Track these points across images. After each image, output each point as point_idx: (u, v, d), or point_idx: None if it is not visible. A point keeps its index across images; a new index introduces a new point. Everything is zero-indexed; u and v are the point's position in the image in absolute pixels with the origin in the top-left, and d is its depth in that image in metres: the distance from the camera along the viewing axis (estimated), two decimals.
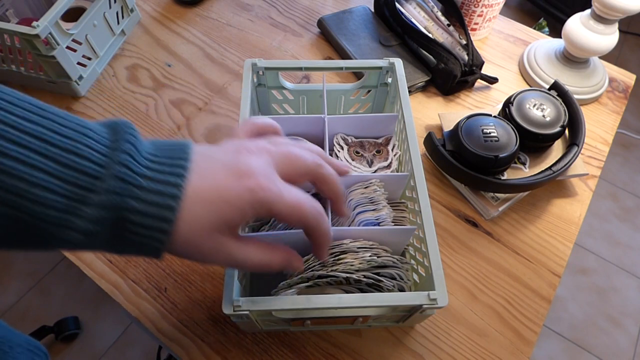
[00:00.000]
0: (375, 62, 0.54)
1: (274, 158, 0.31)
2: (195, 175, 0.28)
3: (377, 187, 0.48)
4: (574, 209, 0.61)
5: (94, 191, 0.25)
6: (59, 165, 0.24)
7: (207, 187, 0.28)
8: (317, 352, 0.49)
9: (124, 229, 0.26)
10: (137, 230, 0.26)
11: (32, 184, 0.23)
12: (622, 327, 1.39)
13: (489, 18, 0.76)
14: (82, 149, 0.25)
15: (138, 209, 0.26)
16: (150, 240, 0.27)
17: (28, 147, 0.23)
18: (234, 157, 0.30)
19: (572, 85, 0.70)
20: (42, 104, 0.26)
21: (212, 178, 0.28)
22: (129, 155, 0.26)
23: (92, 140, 0.26)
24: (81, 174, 0.25)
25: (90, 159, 0.25)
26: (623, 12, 0.62)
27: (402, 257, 0.44)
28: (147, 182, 0.26)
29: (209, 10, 0.82)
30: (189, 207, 0.27)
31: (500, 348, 0.50)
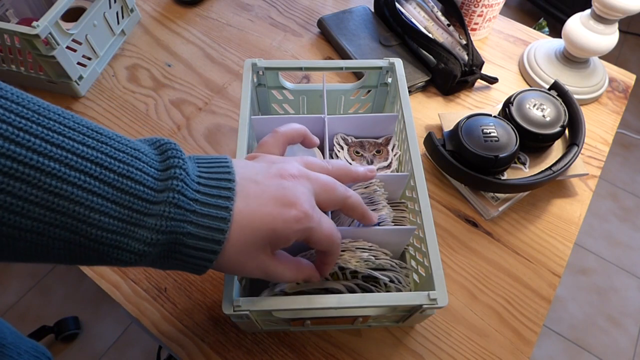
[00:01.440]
0: (375, 62, 0.54)
1: (314, 186, 0.33)
2: (242, 200, 0.30)
3: (377, 187, 0.48)
4: (574, 209, 0.61)
5: (149, 214, 0.26)
6: (115, 190, 0.25)
7: (253, 214, 0.30)
8: (317, 352, 0.49)
9: (176, 251, 0.28)
10: (189, 252, 0.28)
11: (90, 208, 0.24)
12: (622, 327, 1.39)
13: (489, 18, 0.76)
14: (135, 173, 0.26)
15: (192, 233, 0.28)
16: (199, 260, 0.29)
17: (86, 172, 0.24)
18: (279, 185, 0.32)
19: (572, 85, 0.70)
20: (96, 126, 0.27)
21: (259, 205, 0.30)
22: (181, 181, 0.27)
23: (144, 164, 0.27)
24: (136, 198, 0.26)
25: (145, 184, 0.26)
26: (623, 12, 0.62)
27: (401, 262, 0.44)
28: (199, 206, 0.28)
29: (209, 10, 0.82)
30: (238, 230, 0.29)
31: (500, 348, 0.50)
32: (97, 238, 0.25)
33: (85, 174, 0.24)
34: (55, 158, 0.23)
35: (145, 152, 0.28)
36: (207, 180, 0.29)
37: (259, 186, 0.31)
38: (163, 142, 0.29)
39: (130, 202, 0.26)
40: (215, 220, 0.28)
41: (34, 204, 0.23)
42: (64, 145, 0.24)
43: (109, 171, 0.25)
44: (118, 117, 0.67)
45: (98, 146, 0.25)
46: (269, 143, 0.38)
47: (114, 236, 0.25)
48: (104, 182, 0.25)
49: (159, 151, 0.29)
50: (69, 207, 0.24)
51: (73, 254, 0.25)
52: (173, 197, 0.27)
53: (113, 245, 0.26)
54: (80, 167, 0.24)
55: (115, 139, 0.27)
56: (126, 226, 0.26)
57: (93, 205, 0.24)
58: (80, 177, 0.24)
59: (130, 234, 0.26)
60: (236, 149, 0.45)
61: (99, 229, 0.25)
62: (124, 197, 0.25)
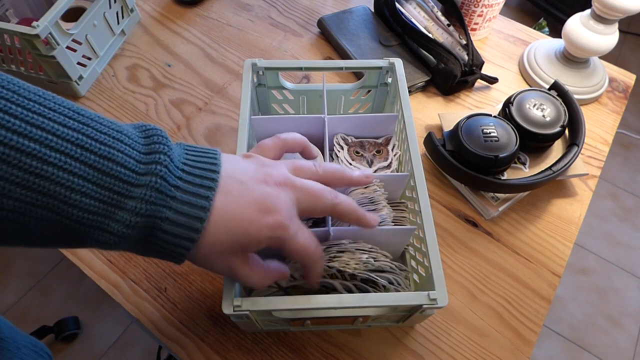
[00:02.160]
0: (375, 62, 0.54)
1: (298, 195, 0.33)
2: (224, 197, 0.30)
3: (377, 187, 0.48)
4: (574, 209, 0.61)
5: (130, 197, 0.26)
6: (96, 172, 0.25)
7: (232, 213, 0.30)
8: (317, 352, 0.49)
9: (154, 235, 0.28)
10: (167, 238, 0.28)
11: (71, 189, 0.24)
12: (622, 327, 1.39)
13: (489, 18, 0.76)
14: (117, 155, 0.26)
15: (170, 218, 0.28)
16: (176, 247, 0.29)
17: (67, 153, 0.24)
18: (262, 190, 0.32)
19: (572, 85, 0.70)
20: (77, 107, 0.27)
21: (239, 206, 0.30)
22: (164, 166, 0.27)
23: (126, 146, 0.27)
24: (117, 180, 0.26)
25: (126, 166, 0.26)
26: (623, 12, 0.62)
27: (400, 264, 0.44)
28: (180, 193, 0.28)
29: (209, 10, 0.82)
30: (214, 224, 0.29)
31: (500, 348, 0.50)
32: (78, 218, 0.25)
33: (65, 155, 0.24)
34: (35, 139, 0.23)
35: (129, 135, 0.28)
36: (192, 168, 0.29)
37: (242, 187, 0.31)
38: (149, 128, 0.29)
39: (111, 183, 0.25)
40: (194, 208, 0.28)
41: (15, 184, 0.23)
42: (44, 127, 0.24)
43: (90, 152, 0.25)
44: (118, 117, 0.67)
45: (79, 127, 0.25)
46: (266, 146, 0.38)
47: (94, 217, 0.25)
48: (84, 163, 0.25)
49: (144, 135, 0.29)
50: (49, 187, 0.24)
51: (54, 235, 0.25)
52: (155, 182, 0.27)
53: (93, 226, 0.26)
54: (61, 148, 0.24)
55: (97, 120, 0.27)
56: (106, 207, 0.26)
57: (74, 186, 0.24)
58: (61, 158, 0.24)
59: (110, 215, 0.26)
60: (236, 149, 0.45)
61: (79, 210, 0.25)
62: (104, 178, 0.25)
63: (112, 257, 0.54)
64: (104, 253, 0.54)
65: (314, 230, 0.41)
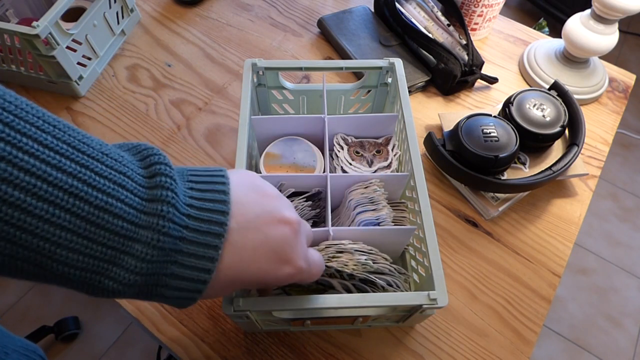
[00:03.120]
0: (375, 62, 0.54)
1: (303, 231, 0.32)
2: (236, 253, 0.27)
3: (377, 187, 0.48)
4: (574, 209, 0.61)
5: (127, 253, 0.23)
6: (90, 225, 0.22)
7: (247, 270, 0.28)
8: (317, 352, 0.49)
9: (157, 293, 0.25)
10: (171, 294, 0.26)
11: (57, 244, 0.21)
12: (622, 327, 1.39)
13: (489, 18, 0.76)
14: (116, 205, 0.22)
15: (177, 274, 0.25)
16: (182, 301, 0.27)
17: (57, 204, 0.20)
18: (276, 235, 0.29)
19: (572, 85, 0.70)
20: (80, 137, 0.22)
21: (253, 260, 0.28)
22: (166, 219, 0.24)
23: (128, 192, 0.23)
24: (114, 234, 0.22)
25: (125, 219, 0.23)
26: (623, 12, 0.62)
27: (400, 267, 0.44)
28: (186, 245, 0.25)
29: (209, 10, 0.82)
30: (223, 278, 0.27)
31: (500, 348, 0.50)
32: (66, 275, 0.22)
33: (55, 205, 0.20)
34: (21, 186, 0.19)
35: (132, 177, 0.24)
36: (199, 212, 0.26)
37: (257, 235, 0.28)
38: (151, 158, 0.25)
39: (106, 238, 0.22)
40: (202, 260, 0.26)
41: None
42: (33, 171, 0.20)
43: (84, 202, 0.21)
44: (118, 117, 0.67)
45: (76, 171, 0.21)
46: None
47: (85, 274, 0.22)
48: (76, 215, 0.21)
49: (147, 171, 0.25)
50: (32, 241, 0.20)
51: (42, 281, 0.23)
52: (158, 239, 0.23)
53: (84, 282, 0.23)
54: (50, 197, 0.20)
55: (99, 159, 0.23)
56: (99, 263, 0.22)
57: (61, 241, 0.21)
58: (49, 210, 0.20)
59: (103, 272, 0.23)
60: (236, 149, 0.45)
61: (66, 266, 0.22)
62: (98, 232, 0.22)
63: None
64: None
65: (314, 231, 0.41)
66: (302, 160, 0.52)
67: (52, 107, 0.68)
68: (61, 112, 0.67)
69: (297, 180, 0.48)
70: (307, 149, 0.53)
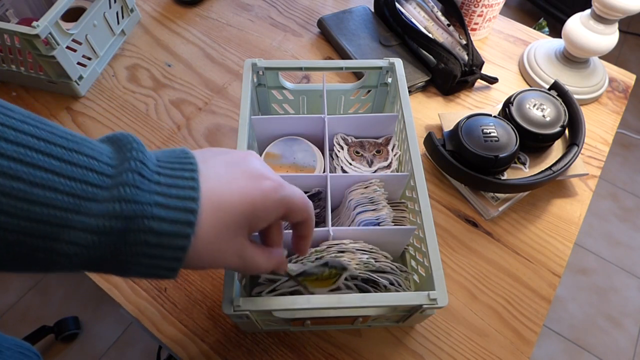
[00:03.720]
0: (375, 62, 0.54)
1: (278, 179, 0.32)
2: (211, 178, 0.27)
3: (377, 187, 0.48)
4: (574, 209, 0.61)
5: (98, 200, 0.23)
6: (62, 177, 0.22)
7: (229, 189, 0.27)
8: (317, 352, 0.49)
9: (135, 242, 0.24)
10: (154, 241, 0.24)
11: (32, 183, 0.21)
12: (622, 327, 1.39)
13: (489, 18, 0.76)
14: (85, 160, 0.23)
15: (156, 215, 0.24)
16: (169, 252, 0.25)
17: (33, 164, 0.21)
18: (241, 161, 0.30)
19: (572, 85, 0.70)
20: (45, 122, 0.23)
21: (231, 179, 0.28)
22: (140, 162, 0.24)
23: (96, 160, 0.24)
24: (85, 184, 0.23)
25: (97, 170, 0.23)
26: (623, 12, 0.62)
27: (401, 265, 0.44)
28: (162, 187, 0.25)
29: (209, 10, 0.82)
30: (211, 210, 0.26)
31: (500, 348, 0.50)
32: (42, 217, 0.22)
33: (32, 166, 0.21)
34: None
35: (101, 150, 0.24)
36: (167, 163, 0.26)
37: (223, 165, 0.29)
38: (121, 139, 0.26)
39: (79, 188, 0.22)
40: (182, 200, 0.25)
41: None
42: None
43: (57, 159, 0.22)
44: (118, 117, 0.67)
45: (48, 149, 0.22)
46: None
47: (62, 213, 0.22)
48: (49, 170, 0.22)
49: (115, 148, 0.25)
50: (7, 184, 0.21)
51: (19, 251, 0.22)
52: (130, 178, 0.23)
53: (60, 225, 0.22)
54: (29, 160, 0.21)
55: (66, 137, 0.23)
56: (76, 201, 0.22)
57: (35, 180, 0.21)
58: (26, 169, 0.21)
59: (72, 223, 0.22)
60: (236, 149, 0.45)
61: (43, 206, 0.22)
62: (71, 183, 0.22)
63: None
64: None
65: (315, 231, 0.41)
66: (302, 160, 0.52)
67: (52, 107, 0.68)
68: (61, 112, 0.67)
69: (297, 180, 0.48)
70: (307, 149, 0.53)
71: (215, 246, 0.27)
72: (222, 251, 0.28)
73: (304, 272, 0.39)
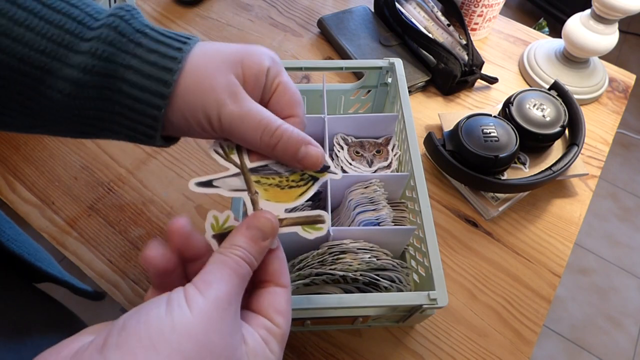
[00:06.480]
0: (375, 62, 0.54)
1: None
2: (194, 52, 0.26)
3: (377, 187, 0.48)
4: (574, 209, 0.61)
5: (83, 38, 0.23)
6: (47, 8, 0.23)
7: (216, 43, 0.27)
8: (317, 352, 0.49)
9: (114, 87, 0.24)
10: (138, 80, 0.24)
11: (15, 22, 0.22)
12: (622, 327, 1.39)
13: (489, 18, 0.76)
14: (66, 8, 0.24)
15: (134, 67, 0.24)
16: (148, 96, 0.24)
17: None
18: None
19: (572, 85, 0.70)
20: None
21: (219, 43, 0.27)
22: (126, 10, 0.25)
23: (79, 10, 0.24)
24: (71, 19, 0.23)
25: (77, 19, 0.24)
26: (623, 12, 0.62)
27: (402, 262, 0.44)
28: (146, 39, 0.25)
29: (209, 10, 0.82)
30: (198, 53, 0.26)
31: (500, 348, 0.50)
32: (24, 58, 0.22)
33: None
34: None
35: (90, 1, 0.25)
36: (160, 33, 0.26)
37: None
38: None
39: (63, 22, 0.23)
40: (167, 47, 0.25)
41: None
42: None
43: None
44: None
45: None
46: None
47: (44, 57, 0.23)
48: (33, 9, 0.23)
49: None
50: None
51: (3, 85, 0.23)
52: (114, 22, 0.24)
53: (43, 68, 0.23)
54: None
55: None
56: (58, 48, 0.23)
57: (19, 19, 0.22)
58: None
59: (61, 58, 0.23)
60: None
61: (25, 46, 0.22)
62: (57, 16, 0.23)
63: (112, 257, 0.54)
64: (104, 253, 0.54)
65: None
66: None
67: None
68: None
69: None
70: None
71: (203, 72, 0.25)
72: (211, 78, 0.25)
73: (264, 168, 0.28)
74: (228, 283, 0.22)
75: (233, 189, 0.27)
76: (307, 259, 0.42)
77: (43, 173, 0.60)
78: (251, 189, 0.27)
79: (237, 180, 0.27)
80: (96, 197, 0.58)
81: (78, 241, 0.55)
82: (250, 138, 0.26)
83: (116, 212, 0.57)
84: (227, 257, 0.23)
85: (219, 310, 0.20)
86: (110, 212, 0.57)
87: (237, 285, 0.22)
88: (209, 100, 0.25)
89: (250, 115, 0.26)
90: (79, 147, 0.63)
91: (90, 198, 0.58)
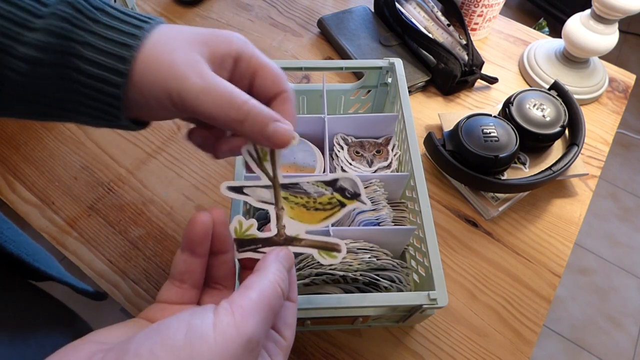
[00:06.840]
0: (375, 62, 0.54)
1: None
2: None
3: (377, 187, 0.48)
4: (574, 209, 0.61)
5: (37, 15, 0.23)
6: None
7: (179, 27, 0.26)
8: (317, 352, 0.49)
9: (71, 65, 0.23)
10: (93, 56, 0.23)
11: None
12: (622, 327, 1.39)
13: (489, 18, 0.76)
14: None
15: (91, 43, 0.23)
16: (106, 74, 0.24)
17: None
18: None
19: (572, 85, 0.70)
20: None
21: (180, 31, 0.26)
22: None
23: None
24: (18, 8, 0.23)
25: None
26: (623, 12, 0.62)
27: (402, 262, 0.44)
28: (105, 16, 0.24)
29: (209, 10, 0.82)
30: (160, 34, 0.25)
31: (500, 348, 0.50)
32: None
33: None
34: None
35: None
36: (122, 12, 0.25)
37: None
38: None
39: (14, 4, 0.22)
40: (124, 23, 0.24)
41: None
42: None
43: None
44: None
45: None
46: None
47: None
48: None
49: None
50: None
51: None
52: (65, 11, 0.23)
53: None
54: None
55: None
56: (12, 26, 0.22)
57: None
58: None
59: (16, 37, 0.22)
60: None
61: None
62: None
63: (112, 257, 0.54)
64: (104, 253, 0.54)
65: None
66: (302, 160, 0.52)
67: None
68: None
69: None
70: (307, 149, 0.53)
71: (164, 49, 0.24)
72: (171, 53, 0.24)
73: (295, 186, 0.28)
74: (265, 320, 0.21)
75: (261, 200, 0.28)
76: (307, 259, 0.42)
77: (43, 173, 0.60)
78: (279, 204, 0.27)
79: (267, 193, 0.28)
80: (96, 197, 0.58)
81: (78, 241, 0.55)
82: (216, 113, 0.24)
83: (116, 212, 0.57)
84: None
85: (246, 352, 0.20)
86: (110, 212, 0.57)
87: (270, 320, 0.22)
88: (168, 75, 0.24)
89: (215, 88, 0.24)
90: (79, 147, 0.63)
91: (90, 198, 0.58)
